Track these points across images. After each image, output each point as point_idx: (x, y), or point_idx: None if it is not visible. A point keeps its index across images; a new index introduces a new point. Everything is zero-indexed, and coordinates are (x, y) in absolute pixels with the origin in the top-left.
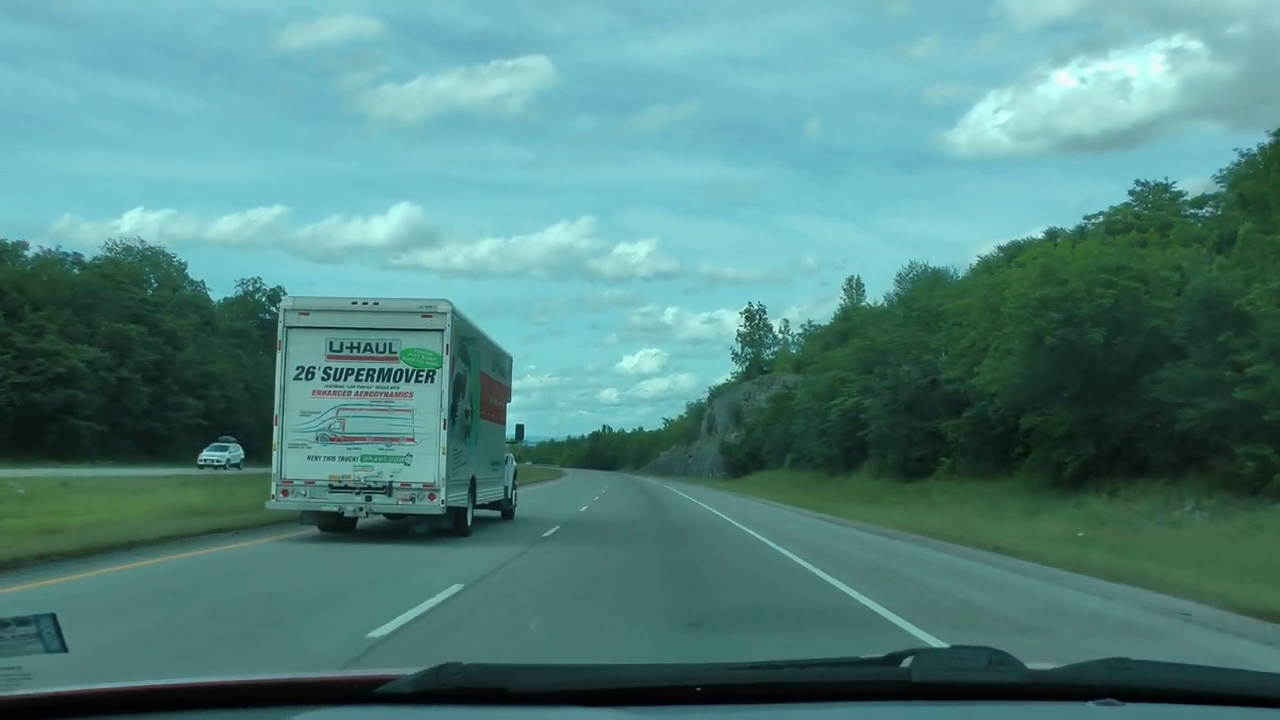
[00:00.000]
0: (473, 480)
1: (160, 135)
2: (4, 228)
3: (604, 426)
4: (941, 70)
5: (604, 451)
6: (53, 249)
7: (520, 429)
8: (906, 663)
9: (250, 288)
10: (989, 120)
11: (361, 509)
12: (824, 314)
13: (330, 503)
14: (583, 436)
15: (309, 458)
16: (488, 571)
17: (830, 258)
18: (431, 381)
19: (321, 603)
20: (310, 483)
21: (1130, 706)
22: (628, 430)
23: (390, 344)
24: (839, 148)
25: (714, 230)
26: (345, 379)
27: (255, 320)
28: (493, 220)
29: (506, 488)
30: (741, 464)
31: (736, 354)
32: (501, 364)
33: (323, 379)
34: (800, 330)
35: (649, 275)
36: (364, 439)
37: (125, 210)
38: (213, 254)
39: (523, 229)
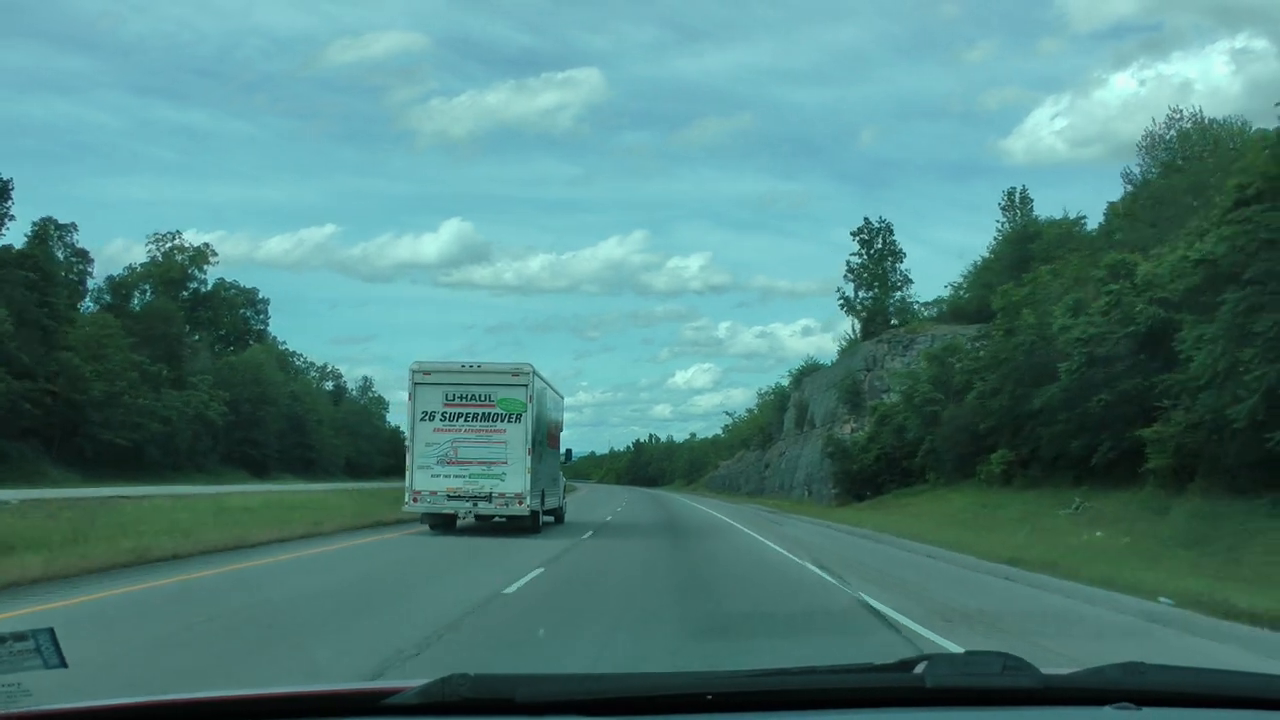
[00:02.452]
0: (542, 492)
1: (210, 159)
2: None
3: (649, 435)
4: (996, 77)
5: (647, 463)
6: None
7: (568, 452)
8: (920, 668)
9: (168, 245)
10: (1045, 127)
11: (469, 512)
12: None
13: (448, 507)
14: (628, 448)
15: (432, 475)
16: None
17: None
18: (519, 421)
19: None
20: (434, 493)
21: (1147, 711)
22: (678, 439)
23: (489, 395)
24: (890, 159)
25: (766, 243)
26: (457, 420)
27: (185, 291)
28: (544, 236)
29: (559, 498)
30: (869, 476)
31: (846, 300)
32: (559, 404)
33: (441, 420)
34: (898, 297)
35: (701, 289)
36: (471, 462)
37: (176, 234)
38: (262, 274)
39: (574, 244)
